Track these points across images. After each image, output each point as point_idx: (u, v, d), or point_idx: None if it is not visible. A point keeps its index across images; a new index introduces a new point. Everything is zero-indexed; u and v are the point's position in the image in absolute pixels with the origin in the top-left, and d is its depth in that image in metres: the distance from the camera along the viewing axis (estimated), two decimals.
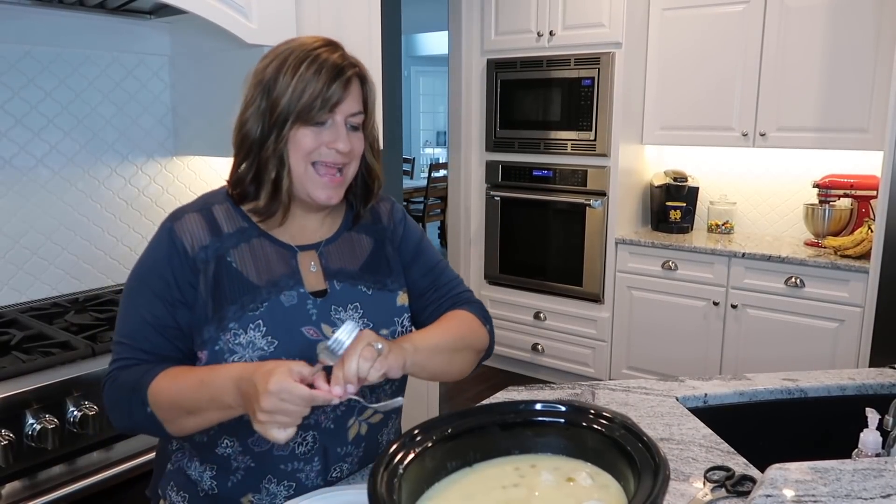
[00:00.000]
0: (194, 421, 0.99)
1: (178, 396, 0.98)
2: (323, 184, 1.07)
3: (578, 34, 3.47)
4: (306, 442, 1.07)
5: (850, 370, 1.53)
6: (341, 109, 1.05)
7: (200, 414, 0.97)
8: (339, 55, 1.06)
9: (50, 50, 1.93)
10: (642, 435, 0.87)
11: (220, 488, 1.08)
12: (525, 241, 3.82)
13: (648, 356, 3.50)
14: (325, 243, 1.14)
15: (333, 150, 1.05)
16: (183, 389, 0.98)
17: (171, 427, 1.00)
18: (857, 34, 2.95)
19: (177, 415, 0.99)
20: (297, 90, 1.02)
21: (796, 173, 3.46)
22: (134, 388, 1.00)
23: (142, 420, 1.00)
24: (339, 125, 1.05)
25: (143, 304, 1.05)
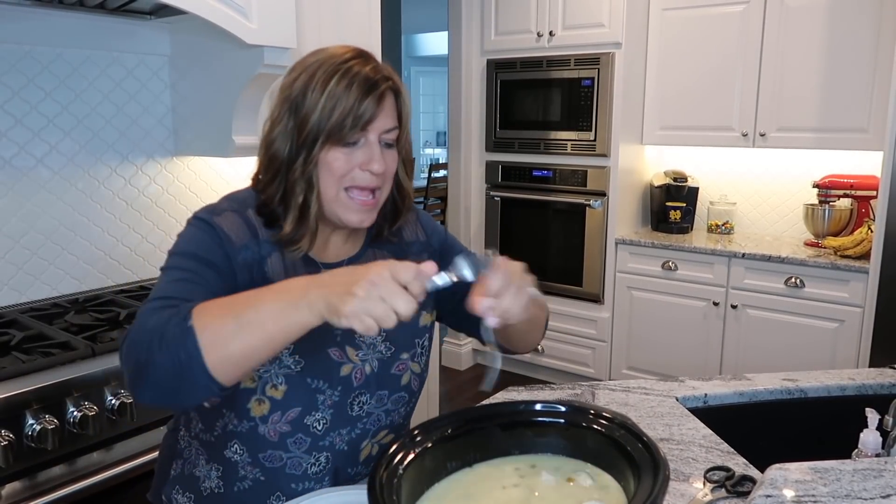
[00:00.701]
0: (243, 340, 0.81)
1: (231, 301, 0.85)
2: (356, 208, 1.00)
3: (578, 34, 3.47)
4: (319, 462, 1.04)
5: (850, 370, 1.53)
6: (375, 127, 0.98)
7: (255, 323, 0.80)
8: (371, 67, 0.99)
9: (50, 50, 1.93)
10: (642, 435, 0.87)
11: (226, 489, 1.06)
12: (525, 241, 3.82)
13: (648, 356, 3.50)
14: (347, 261, 1.09)
15: (367, 173, 0.99)
16: (237, 295, 0.86)
17: (212, 353, 0.80)
18: (857, 34, 2.95)
19: (224, 326, 0.81)
20: (326, 107, 0.96)
21: (796, 173, 3.46)
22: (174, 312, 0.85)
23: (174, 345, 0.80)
24: (373, 144, 0.99)
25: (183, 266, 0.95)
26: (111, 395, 1.52)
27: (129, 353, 0.84)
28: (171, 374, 0.81)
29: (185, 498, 1.10)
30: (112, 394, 1.52)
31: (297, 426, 1.01)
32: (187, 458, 1.10)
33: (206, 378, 0.80)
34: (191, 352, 0.80)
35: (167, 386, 0.82)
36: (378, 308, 0.76)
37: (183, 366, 0.80)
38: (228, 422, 1.02)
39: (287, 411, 1.00)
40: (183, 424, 1.11)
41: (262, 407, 0.99)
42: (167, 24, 2.17)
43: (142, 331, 0.84)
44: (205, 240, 0.98)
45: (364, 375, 1.05)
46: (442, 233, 1.22)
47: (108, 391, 1.52)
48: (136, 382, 0.83)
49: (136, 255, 2.21)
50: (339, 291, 0.77)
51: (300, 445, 1.02)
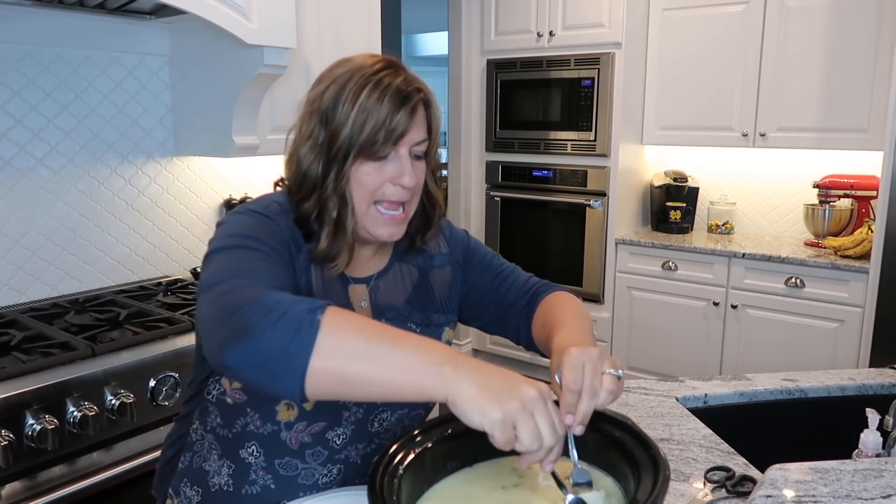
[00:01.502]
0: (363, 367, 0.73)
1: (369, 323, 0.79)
2: (385, 221, 0.98)
3: (578, 34, 3.47)
4: (331, 474, 1.03)
5: (850, 370, 1.53)
6: (406, 140, 0.96)
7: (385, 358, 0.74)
8: (402, 79, 0.96)
9: (50, 50, 1.93)
10: (642, 435, 0.87)
11: (234, 489, 1.03)
12: (525, 241, 3.82)
13: (648, 356, 3.50)
14: (376, 277, 1.08)
15: (398, 187, 0.96)
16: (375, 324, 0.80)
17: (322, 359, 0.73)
18: (857, 34, 2.95)
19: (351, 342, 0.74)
20: (358, 121, 0.93)
21: (796, 173, 3.46)
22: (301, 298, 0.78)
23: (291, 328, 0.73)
24: (404, 158, 0.96)
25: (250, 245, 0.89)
26: (111, 395, 1.52)
27: (232, 313, 0.76)
28: (272, 352, 0.73)
29: (192, 491, 1.08)
30: (112, 394, 1.52)
31: (318, 439, 1.00)
32: (197, 452, 1.09)
33: (298, 378, 0.73)
34: (303, 345, 0.73)
35: (262, 361, 0.74)
36: (525, 424, 0.70)
37: (286, 353, 0.73)
38: (251, 422, 0.99)
39: (312, 424, 0.99)
40: (197, 417, 1.09)
41: (290, 413, 0.97)
42: (167, 24, 2.16)
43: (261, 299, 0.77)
44: (266, 229, 0.93)
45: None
46: (463, 240, 1.20)
47: (108, 391, 1.52)
48: (233, 344, 0.75)
49: (136, 255, 2.21)
50: (494, 388, 0.71)
51: (317, 458, 1.01)
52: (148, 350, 1.62)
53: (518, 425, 0.70)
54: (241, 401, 1.00)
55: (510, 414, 0.70)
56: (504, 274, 1.18)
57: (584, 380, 0.81)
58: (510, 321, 1.17)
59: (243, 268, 0.85)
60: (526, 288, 1.17)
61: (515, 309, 1.16)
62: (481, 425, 0.71)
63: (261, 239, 0.91)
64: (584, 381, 0.81)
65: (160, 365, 1.61)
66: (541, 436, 0.71)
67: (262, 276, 0.85)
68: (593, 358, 0.83)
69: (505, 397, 0.70)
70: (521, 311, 1.15)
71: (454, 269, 1.16)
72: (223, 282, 0.82)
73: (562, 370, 0.83)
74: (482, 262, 1.18)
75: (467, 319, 1.22)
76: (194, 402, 1.09)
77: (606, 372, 0.83)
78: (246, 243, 0.90)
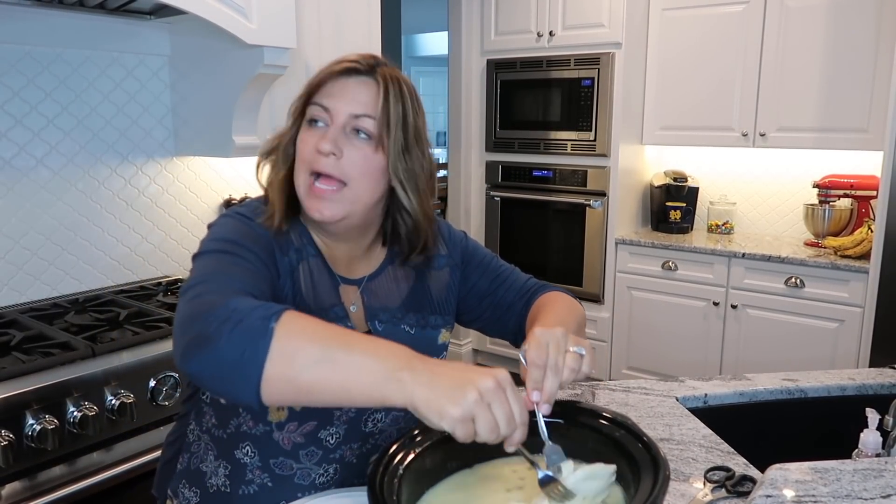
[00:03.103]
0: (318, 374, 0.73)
1: (324, 328, 0.77)
2: (314, 195, 0.95)
3: (578, 34, 3.47)
4: (328, 473, 1.03)
5: (850, 370, 1.53)
6: (338, 108, 0.94)
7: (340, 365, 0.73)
8: (359, 56, 0.98)
9: (50, 50, 1.93)
10: (642, 435, 0.87)
11: (232, 490, 1.03)
12: (525, 241, 3.82)
13: (648, 356, 3.50)
14: (367, 279, 1.07)
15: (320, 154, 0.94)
16: (331, 328, 0.79)
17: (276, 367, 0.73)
18: (857, 34, 2.95)
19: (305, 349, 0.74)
20: (304, 91, 0.98)
21: (796, 173, 3.46)
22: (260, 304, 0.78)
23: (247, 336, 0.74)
24: (335, 127, 0.95)
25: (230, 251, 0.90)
26: (111, 395, 1.52)
27: (195, 320, 0.77)
28: (227, 361, 0.74)
29: (191, 493, 1.08)
30: (112, 394, 1.52)
31: (310, 439, 1.00)
32: (195, 453, 1.09)
33: (254, 386, 0.73)
34: (257, 352, 0.73)
35: (218, 370, 0.75)
36: (483, 417, 0.70)
37: (241, 362, 0.73)
38: (243, 422, 1.00)
39: (303, 423, 0.99)
40: (194, 418, 1.09)
41: (281, 413, 0.97)
42: (167, 24, 2.16)
43: (221, 307, 0.77)
44: (250, 233, 0.94)
45: None
46: (462, 242, 1.19)
47: (108, 391, 1.52)
48: (191, 352, 0.76)
49: (136, 255, 2.21)
50: (448, 386, 0.70)
51: (311, 458, 1.01)
52: (148, 350, 1.62)
53: (476, 420, 0.70)
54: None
55: (467, 410, 0.70)
56: (503, 276, 1.18)
57: (547, 357, 0.82)
58: (509, 323, 1.16)
59: (218, 273, 0.86)
60: (524, 289, 1.17)
61: (514, 311, 1.15)
62: (441, 426, 0.71)
63: (242, 243, 0.92)
64: (548, 358, 0.82)
65: (160, 365, 1.61)
66: (498, 427, 0.71)
67: (234, 282, 0.84)
68: (556, 336, 0.84)
69: (460, 394, 0.70)
70: (519, 313, 1.15)
71: (452, 270, 1.15)
72: (195, 286, 0.83)
73: (526, 348, 0.85)
74: (481, 264, 1.18)
75: (466, 321, 1.21)
76: (192, 402, 1.10)
77: (570, 350, 0.84)
78: (227, 248, 0.90)
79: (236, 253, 0.90)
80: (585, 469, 0.82)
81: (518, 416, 0.73)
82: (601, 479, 0.82)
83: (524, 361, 0.84)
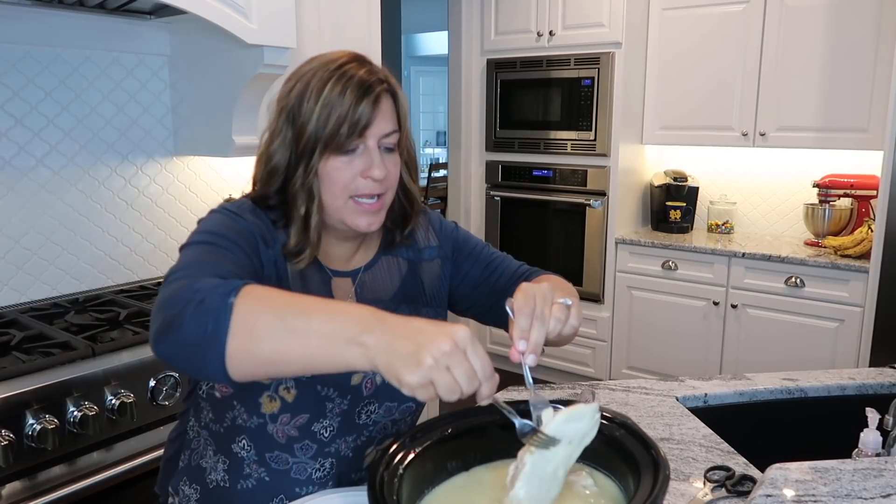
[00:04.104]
0: (278, 344, 0.74)
1: (284, 297, 0.78)
2: (362, 212, 1.00)
3: (578, 34, 3.47)
4: (324, 468, 1.04)
5: (850, 370, 1.53)
6: (373, 132, 0.97)
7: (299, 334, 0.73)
8: (366, 70, 0.97)
9: (50, 50, 1.93)
10: (642, 435, 0.87)
11: (230, 484, 1.05)
12: (525, 241, 3.82)
13: (648, 356, 3.50)
14: (363, 270, 1.09)
15: (369, 180, 0.97)
16: (291, 297, 0.80)
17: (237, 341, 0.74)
18: (857, 34, 2.95)
19: (263, 321, 0.74)
20: (322, 115, 0.95)
21: (796, 173, 3.46)
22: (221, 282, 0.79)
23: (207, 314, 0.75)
24: (372, 150, 0.97)
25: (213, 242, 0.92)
26: (111, 395, 1.52)
27: (165, 305, 0.79)
28: (192, 340, 0.76)
29: (191, 490, 1.09)
30: (112, 394, 1.52)
31: (304, 433, 1.01)
32: (195, 449, 1.10)
33: (220, 362, 0.75)
34: (218, 329, 0.74)
35: (185, 351, 0.77)
36: (442, 380, 0.70)
37: (205, 339, 0.74)
38: (238, 415, 1.01)
39: (296, 416, 0.99)
40: (193, 414, 1.10)
41: (273, 405, 0.99)
42: (167, 24, 2.16)
43: (186, 289, 0.79)
44: (236, 227, 0.96)
45: (375, 385, 1.04)
46: (452, 233, 1.20)
47: (108, 391, 1.52)
48: (160, 336, 0.78)
49: (136, 255, 2.20)
50: (405, 353, 0.70)
51: (306, 451, 1.02)
52: (148, 350, 1.59)
53: (435, 383, 0.70)
54: (228, 394, 1.01)
55: (424, 376, 0.69)
56: (495, 263, 1.18)
57: (535, 307, 0.82)
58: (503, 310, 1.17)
59: (198, 261, 0.87)
60: (517, 275, 1.17)
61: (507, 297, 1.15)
62: (401, 390, 0.71)
63: (225, 235, 0.94)
64: (535, 308, 0.82)
65: (160, 365, 1.61)
66: (459, 386, 0.71)
67: (212, 268, 0.85)
68: (543, 289, 0.84)
69: (416, 361, 0.69)
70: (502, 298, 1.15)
71: (444, 262, 1.16)
72: (173, 274, 0.85)
73: (513, 299, 0.84)
74: (472, 253, 1.19)
75: (461, 311, 1.22)
76: (191, 399, 1.11)
77: (557, 301, 0.84)
78: (210, 239, 0.93)
79: (218, 244, 0.92)
80: (566, 412, 0.80)
81: (480, 373, 0.73)
82: (583, 419, 0.81)
83: (511, 313, 0.83)
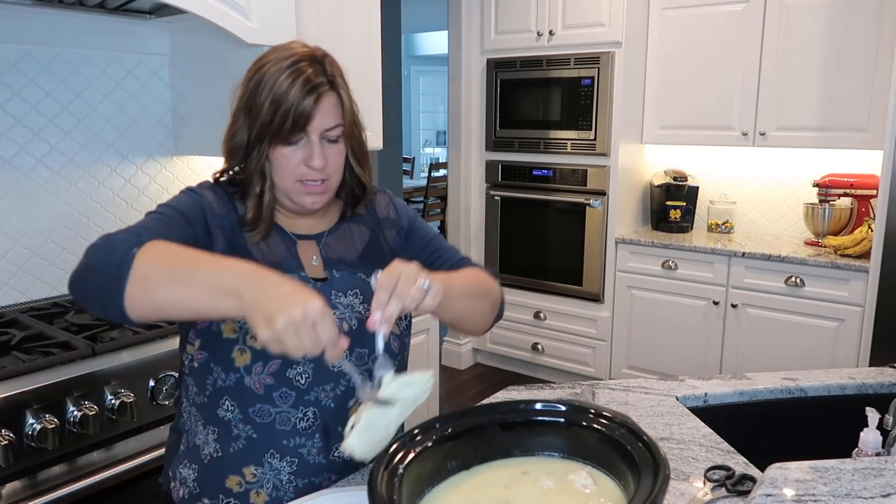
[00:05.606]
0: (168, 291, 0.87)
1: (180, 252, 0.91)
2: (307, 192, 1.10)
3: (578, 33, 3.47)
4: (307, 418, 1.08)
5: (850, 369, 1.53)
6: (314, 127, 1.06)
7: (186, 283, 0.86)
8: (314, 70, 1.05)
9: (50, 50, 1.93)
10: (642, 434, 0.87)
11: (223, 451, 1.09)
12: (525, 240, 3.82)
13: (648, 356, 3.50)
14: (327, 233, 1.18)
15: (311, 168, 1.07)
16: (187, 252, 0.92)
17: (134, 286, 0.87)
18: (857, 34, 2.95)
19: (158, 270, 0.88)
20: (271, 108, 1.04)
21: (796, 172, 3.46)
22: (132, 232, 0.96)
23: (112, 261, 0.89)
24: (314, 143, 1.07)
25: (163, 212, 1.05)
26: (111, 394, 1.53)
27: (86, 253, 0.93)
28: (98, 283, 0.89)
29: (190, 470, 1.14)
30: (112, 393, 1.53)
31: (280, 379, 1.06)
32: (189, 430, 1.14)
33: (120, 304, 0.87)
34: (119, 274, 0.87)
35: (90, 291, 0.91)
36: (290, 342, 0.81)
37: (108, 282, 0.88)
38: (217, 377, 1.07)
39: (268, 363, 1.05)
40: (185, 395, 1.15)
41: (245, 356, 1.05)
42: (167, 24, 2.16)
43: (104, 240, 0.94)
44: (187, 200, 1.08)
45: (342, 331, 1.07)
46: (412, 215, 1.29)
47: (108, 391, 1.52)
48: (75, 278, 0.93)
49: None
50: (264, 312, 0.81)
51: (286, 399, 1.06)
52: (148, 349, 1.63)
53: (283, 343, 0.80)
54: (204, 359, 1.08)
55: (276, 335, 0.80)
56: (439, 252, 1.26)
57: (396, 284, 0.90)
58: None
59: (140, 226, 1.00)
60: (457, 267, 1.23)
61: None
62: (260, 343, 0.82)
63: (175, 207, 1.06)
64: (396, 285, 0.90)
65: (160, 364, 1.61)
66: (303, 349, 0.81)
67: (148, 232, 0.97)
68: (410, 268, 0.93)
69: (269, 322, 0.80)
70: None
71: (398, 233, 1.25)
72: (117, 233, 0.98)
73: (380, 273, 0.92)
74: (424, 237, 1.27)
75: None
76: (182, 384, 1.16)
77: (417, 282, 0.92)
78: (162, 210, 1.05)
79: (162, 212, 1.04)
80: (404, 377, 0.90)
81: (325, 341, 0.82)
82: (417, 385, 0.91)
83: (373, 286, 0.92)
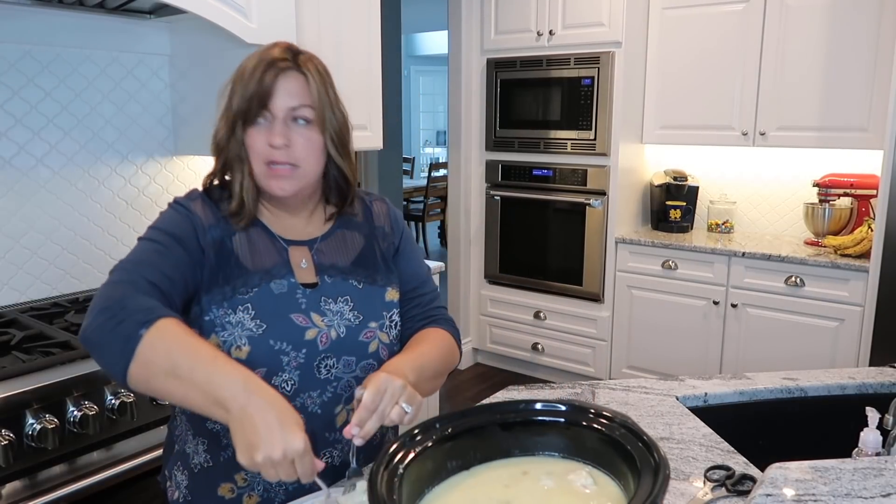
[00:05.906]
0: (166, 385, 0.91)
1: (185, 344, 0.92)
2: (273, 175, 1.09)
3: (578, 33, 3.47)
4: None
5: (850, 369, 1.53)
6: (276, 104, 1.06)
7: (183, 381, 0.89)
8: (280, 53, 1.07)
9: (49, 50, 1.93)
10: (642, 434, 0.87)
11: (213, 461, 1.10)
12: (525, 240, 3.82)
13: (648, 355, 3.50)
14: (320, 239, 1.17)
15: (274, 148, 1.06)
16: (189, 344, 0.92)
17: (138, 368, 0.90)
18: (857, 33, 2.95)
19: (158, 362, 0.90)
20: (239, 91, 1.06)
21: (796, 172, 3.46)
22: (145, 308, 0.94)
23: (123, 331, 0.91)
24: (277, 120, 1.06)
25: (157, 239, 1.05)
26: (111, 394, 1.52)
27: (96, 310, 0.95)
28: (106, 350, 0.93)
29: (182, 475, 1.15)
30: (112, 393, 1.53)
31: None
32: (179, 436, 1.16)
33: (122, 374, 0.92)
34: (127, 349, 0.90)
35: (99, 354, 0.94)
36: (267, 472, 0.86)
37: (114, 354, 0.92)
38: None
39: (254, 370, 1.04)
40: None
41: None
42: (167, 24, 2.16)
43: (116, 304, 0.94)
44: (179, 220, 1.08)
45: (330, 340, 1.10)
46: (406, 234, 1.29)
47: (108, 391, 1.52)
48: (84, 338, 0.95)
49: None
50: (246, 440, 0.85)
51: None
52: None
53: (262, 472, 0.86)
54: None
55: (253, 466, 0.85)
56: (419, 289, 1.25)
57: (379, 405, 0.95)
58: (404, 332, 1.23)
59: (138, 260, 1.02)
60: (428, 314, 1.24)
61: (411, 325, 1.23)
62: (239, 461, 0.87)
63: (169, 232, 1.06)
64: (379, 405, 0.95)
65: None
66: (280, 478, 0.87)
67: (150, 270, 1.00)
68: (395, 387, 0.97)
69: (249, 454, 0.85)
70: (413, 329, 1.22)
71: (389, 248, 1.24)
72: (118, 268, 1.01)
73: (364, 390, 0.96)
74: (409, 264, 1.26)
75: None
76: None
77: (400, 403, 0.97)
78: (156, 237, 1.06)
79: (160, 241, 1.05)
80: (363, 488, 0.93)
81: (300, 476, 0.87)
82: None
83: (356, 395, 0.97)
